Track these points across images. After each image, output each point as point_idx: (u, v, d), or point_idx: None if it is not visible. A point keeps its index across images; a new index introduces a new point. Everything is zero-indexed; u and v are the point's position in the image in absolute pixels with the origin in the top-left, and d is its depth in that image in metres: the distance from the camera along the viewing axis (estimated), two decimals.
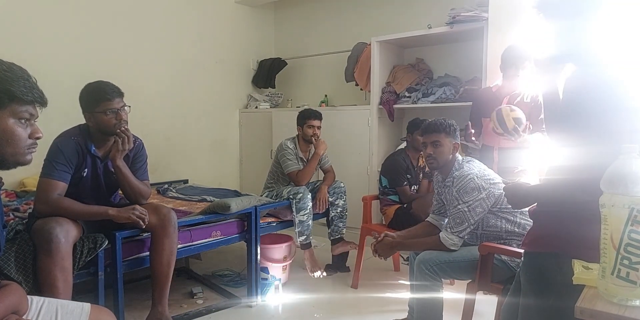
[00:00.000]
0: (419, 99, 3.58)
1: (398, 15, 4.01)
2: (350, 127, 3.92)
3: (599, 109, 1.09)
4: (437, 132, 2.12)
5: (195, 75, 4.36)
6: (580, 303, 0.91)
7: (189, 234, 2.44)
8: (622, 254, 0.89)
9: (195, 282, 3.02)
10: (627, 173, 0.89)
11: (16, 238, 1.94)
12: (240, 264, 3.14)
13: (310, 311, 2.63)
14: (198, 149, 4.44)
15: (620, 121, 1.07)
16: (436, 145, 2.12)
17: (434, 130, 2.13)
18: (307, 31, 4.75)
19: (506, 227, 2.05)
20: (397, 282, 3.05)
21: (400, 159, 3.03)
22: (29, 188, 3.11)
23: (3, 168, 1.12)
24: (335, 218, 3.20)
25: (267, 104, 4.69)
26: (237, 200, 2.60)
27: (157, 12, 4.03)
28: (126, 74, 3.66)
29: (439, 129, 2.12)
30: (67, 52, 3.47)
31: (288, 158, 3.17)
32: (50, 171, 1.97)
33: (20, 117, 1.09)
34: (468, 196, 2.00)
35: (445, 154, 2.12)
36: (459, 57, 3.66)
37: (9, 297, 1.12)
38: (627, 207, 0.88)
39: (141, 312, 2.45)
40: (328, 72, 4.54)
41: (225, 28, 4.60)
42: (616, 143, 0.94)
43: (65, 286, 1.83)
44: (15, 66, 1.10)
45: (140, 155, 2.28)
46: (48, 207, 1.93)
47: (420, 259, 2.04)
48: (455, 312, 2.21)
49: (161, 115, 4.09)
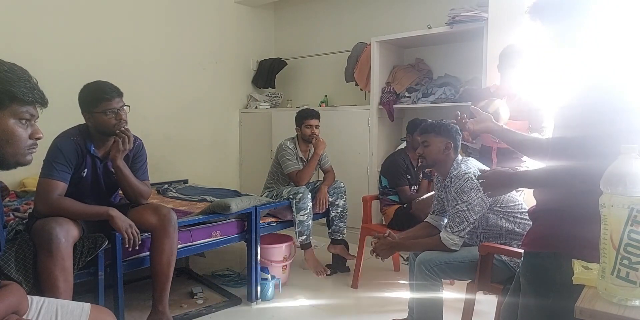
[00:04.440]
0: (418, 99, 3.58)
1: (398, 15, 4.01)
2: (350, 127, 3.92)
3: (600, 110, 1.09)
4: (426, 133, 2.19)
5: (195, 75, 4.36)
6: (580, 303, 0.91)
7: (189, 234, 2.44)
8: (621, 254, 0.89)
9: (195, 282, 3.02)
10: (626, 173, 0.89)
11: (16, 238, 1.94)
12: (240, 264, 3.14)
13: (310, 311, 2.63)
14: (198, 149, 4.44)
15: (621, 122, 1.07)
16: (425, 145, 2.18)
17: (423, 131, 2.21)
18: (307, 31, 4.75)
19: (506, 226, 2.05)
20: (397, 282, 3.05)
21: (400, 159, 3.03)
22: (29, 188, 3.11)
23: (3, 168, 1.12)
24: (335, 218, 3.20)
25: (267, 104, 4.69)
26: (237, 200, 2.60)
27: (157, 12, 4.03)
28: (126, 74, 3.66)
29: (427, 130, 2.19)
30: (67, 52, 3.47)
31: (288, 158, 3.17)
32: (50, 171, 1.96)
33: (20, 118, 1.09)
34: (467, 195, 2.01)
35: (433, 153, 2.15)
36: (459, 57, 3.66)
37: (9, 297, 1.12)
38: (627, 207, 0.88)
39: (141, 312, 2.45)
40: (328, 72, 4.54)
41: (225, 28, 4.60)
42: (616, 143, 0.94)
43: (66, 286, 1.83)
44: (16, 67, 1.10)
45: (140, 155, 2.27)
46: (48, 207, 1.93)
47: (421, 260, 2.04)
48: (455, 312, 2.21)
49: (161, 115, 4.09)
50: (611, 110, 1.08)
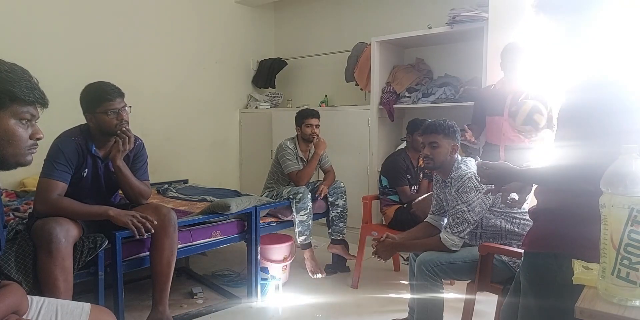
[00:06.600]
0: (419, 99, 3.58)
1: (398, 15, 4.01)
2: (350, 127, 3.92)
3: (601, 110, 1.09)
4: (435, 133, 2.13)
5: (195, 75, 4.36)
6: (580, 303, 0.91)
7: (189, 234, 2.44)
8: (622, 254, 0.89)
9: (195, 282, 3.02)
10: (627, 173, 0.89)
11: (16, 238, 1.94)
12: (240, 264, 3.14)
13: (310, 311, 2.63)
14: (198, 149, 4.44)
15: (621, 122, 1.07)
16: (434, 147, 2.13)
17: (432, 131, 2.14)
18: (307, 31, 4.75)
19: (506, 226, 2.05)
20: (397, 282, 3.05)
21: (400, 159, 3.03)
22: (29, 188, 3.11)
23: (3, 168, 1.12)
24: (335, 218, 3.20)
25: (267, 104, 4.69)
26: (237, 200, 2.60)
27: (157, 12, 4.03)
28: (126, 74, 3.66)
29: (437, 130, 2.13)
30: (67, 52, 3.47)
31: (288, 158, 3.17)
32: (50, 171, 1.97)
33: (21, 118, 1.09)
34: (467, 196, 2.00)
35: (442, 155, 2.12)
36: (459, 57, 3.66)
37: (9, 297, 1.12)
38: (627, 208, 0.88)
39: (141, 312, 2.45)
40: (328, 72, 4.54)
41: (225, 28, 4.60)
42: (617, 143, 0.94)
43: (66, 286, 1.83)
44: (17, 67, 1.10)
45: (141, 156, 2.28)
46: (48, 207, 1.93)
47: (421, 260, 2.04)
48: (455, 312, 2.21)
49: (161, 115, 4.09)
50: (612, 111, 1.08)
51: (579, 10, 1.18)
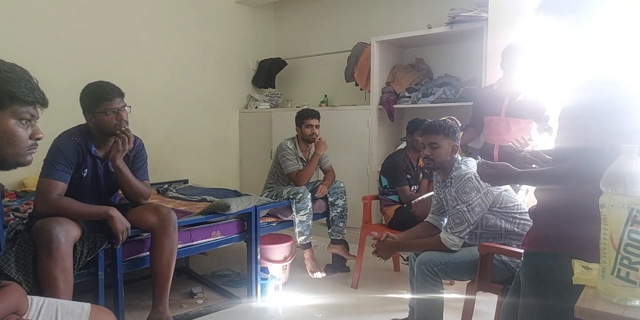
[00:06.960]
0: (418, 99, 3.58)
1: (398, 15, 4.01)
2: (350, 127, 3.92)
3: (602, 110, 1.09)
4: (435, 134, 2.13)
5: (195, 75, 4.36)
6: (580, 303, 0.91)
7: (189, 234, 2.44)
8: (621, 254, 0.89)
9: (195, 282, 3.02)
10: (626, 173, 0.89)
11: (16, 238, 1.94)
12: (240, 264, 3.14)
13: (310, 311, 2.63)
14: (198, 149, 4.44)
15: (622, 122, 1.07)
16: (434, 147, 2.12)
17: (433, 132, 2.13)
18: (307, 31, 4.75)
19: (506, 226, 2.05)
20: (397, 282, 3.05)
21: (400, 159, 3.03)
22: (29, 188, 3.11)
23: (3, 168, 1.12)
24: (335, 218, 3.20)
25: (267, 104, 4.69)
26: (237, 200, 2.60)
27: (157, 12, 4.03)
28: (126, 74, 3.66)
29: (437, 131, 2.12)
30: (67, 52, 3.47)
31: (288, 158, 3.17)
32: (50, 171, 1.96)
33: (21, 118, 1.09)
34: (467, 196, 2.00)
35: (442, 155, 2.12)
36: (459, 57, 3.66)
37: (9, 297, 1.12)
38: (627, 207, 0.88)
39: (141, 312, 2.45)
40: (328, 72, 4.54)
41: (225, 28, 4.60)
42: (617, 143, 0.94)
43: (66, 286, 1.83)
44: (17, 67, 1.10)
45: (141, 156, 2.27)
46: (48, 207, 1.93)
47: (421, 260, 2.04)
48: (455, 312, 2.21)
49: (161, 115, 4.10)
50: (613, 111, 1.09)
51: (580, 11, 1.19)
